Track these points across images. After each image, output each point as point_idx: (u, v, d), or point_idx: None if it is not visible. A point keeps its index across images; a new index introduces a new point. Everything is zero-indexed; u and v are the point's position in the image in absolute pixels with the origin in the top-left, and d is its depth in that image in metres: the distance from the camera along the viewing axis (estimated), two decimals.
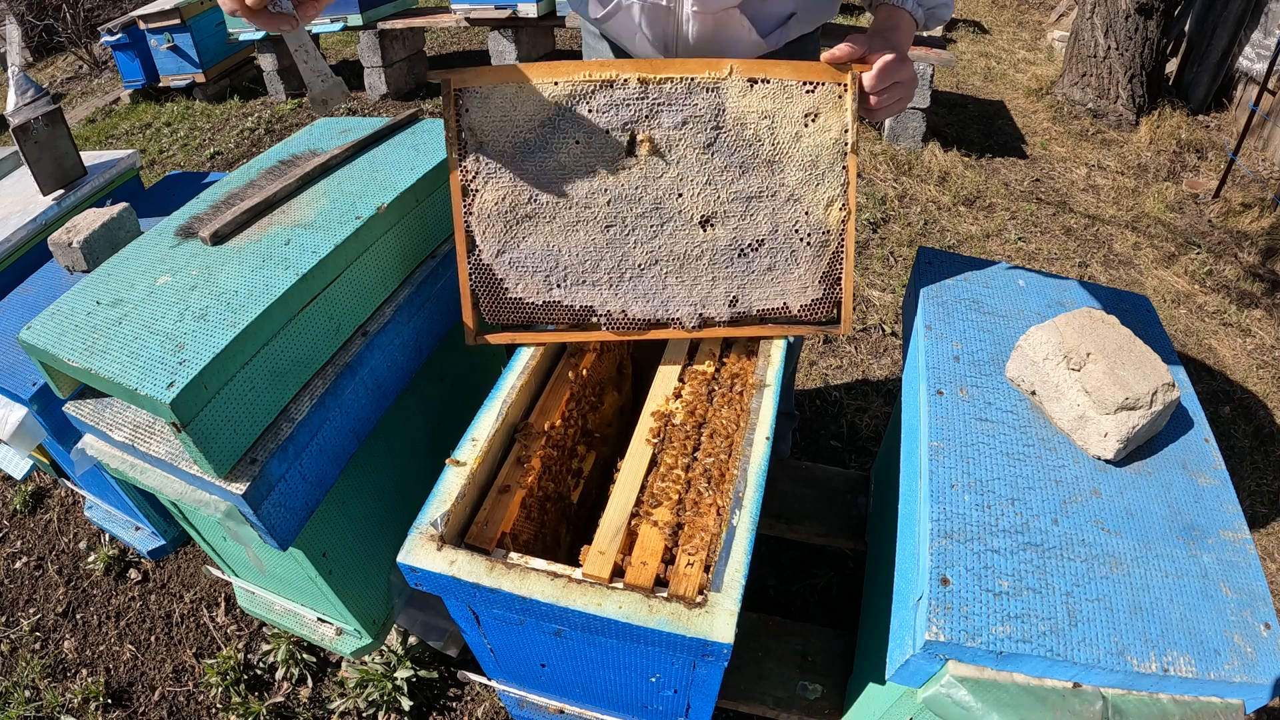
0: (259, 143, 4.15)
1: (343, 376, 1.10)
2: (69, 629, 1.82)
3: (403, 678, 1.55)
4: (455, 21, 4.04)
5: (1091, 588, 0.79)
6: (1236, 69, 3.79)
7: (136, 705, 1.65)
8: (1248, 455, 2.16)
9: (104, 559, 1.91)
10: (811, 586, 1.74)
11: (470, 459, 0.95)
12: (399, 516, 1.34)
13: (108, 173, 1.81)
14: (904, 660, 0.79)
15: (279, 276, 1.02)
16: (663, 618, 0.78)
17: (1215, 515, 0.88)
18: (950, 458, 0.92)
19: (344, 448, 1.14)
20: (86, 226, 1.46)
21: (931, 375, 1.03)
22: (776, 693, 1.30)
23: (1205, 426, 1.00)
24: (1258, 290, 2.80)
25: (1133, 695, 0.75)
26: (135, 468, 1.08)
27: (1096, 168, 3.58)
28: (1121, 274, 2.89)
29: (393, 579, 1.39)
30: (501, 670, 1.12)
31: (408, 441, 1.36)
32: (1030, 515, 0.86)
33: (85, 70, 6.03)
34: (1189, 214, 3.26)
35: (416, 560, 0.84)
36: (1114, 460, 0.93)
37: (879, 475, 1.50)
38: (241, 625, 1.78)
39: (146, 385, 0.88)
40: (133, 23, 4.60)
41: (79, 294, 1.05)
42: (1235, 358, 2.51)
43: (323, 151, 1.31)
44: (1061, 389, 0.95)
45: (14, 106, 1.63)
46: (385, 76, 4.36)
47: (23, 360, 1.34)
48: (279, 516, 1.03)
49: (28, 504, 2.15)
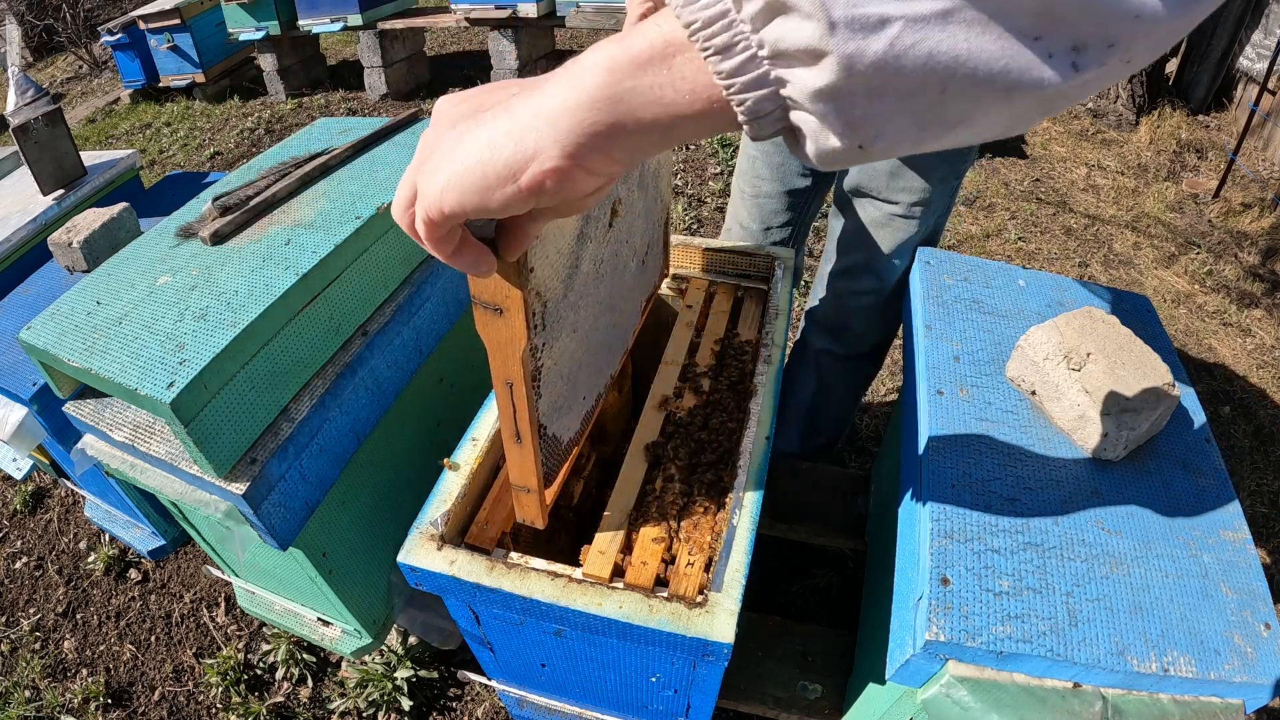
0: (259, 143, 4.15)
1: (343, 376, 1.10)
2: (69, 629, 1.82)
3: (403, 678, 1.55)
4: (455, 21, 4.04)
5: (1091, 588, 0.79)
6: (1236, 69, 3.79)
7: (136, 705, 1.65)
8: (1248, 455, 2.16)
9: (104, 559, 1.91)
10: (811, 586, 1.74)
11: (470, 459, 0.95)
12: (399, 516, 1.34)
13: (108, 173, 1.81)
14: (904, 660, 0.79)
15: (279, 276, 1.02)
16: (663, 617, 0.78)
17: (1215, 515, 0.89)
18: (950, 458, 0.92)
19: (344, 448, 1.14)
20: (86, 226, 1.46)
21: (931, 375, 1.03)
22: (776, 693, 1.30)
23: (1205, 426, 1.00)
24: (1258, 290, 2.80)
25: (1133, 695, 0.75)
26: (135, 468, 1.08)
27: (1096, 167, 3.58)
28: (1121, 274, 2.89)
29: (393, 579, 1.39)
30: (501, 670, 1.12)
31: (408, 441, 1.36)
32: (1030, 515, 0.86)
33: (85, 70, 6.03)
34: (1189, 214, 3.26)
35: (416, 560, 0.84)
36: (1114, 460, 0.93)
37: (879, 475, 1.50)
38: (241, 625, 1.78)
39: (146, 385, 0.88)
40: (133, 23, 4.60)
41: (79, 294, 1.05)
42: (1235, 358, 2.51)
43: (323, 152, 1.31)
44: (1061, 389, 0.95)
45: (14, 106, 1.63)
46: (385, 76, 4.36)
47: (23, 360, 1.34)
48: (279, 516, 1.03)
49: (28, 504, 2.15)
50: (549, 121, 0.39)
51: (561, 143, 0.38)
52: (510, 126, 0.40)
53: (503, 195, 0.41)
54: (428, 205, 0.43)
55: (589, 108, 0.38)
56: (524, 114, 0.39)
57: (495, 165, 0.40)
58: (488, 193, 0.41)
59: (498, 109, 0.41)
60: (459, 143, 0.41)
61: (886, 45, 0.32)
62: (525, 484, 0.81)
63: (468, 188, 0.41)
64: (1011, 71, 0.33)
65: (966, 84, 0.33)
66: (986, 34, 0.32)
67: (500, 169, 0.40)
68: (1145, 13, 0.32)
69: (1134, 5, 0.32)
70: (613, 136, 0.38)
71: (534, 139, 0.39)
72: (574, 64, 0.39)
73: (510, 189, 0.40)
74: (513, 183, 0.40)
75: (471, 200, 0.41)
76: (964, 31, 0.32)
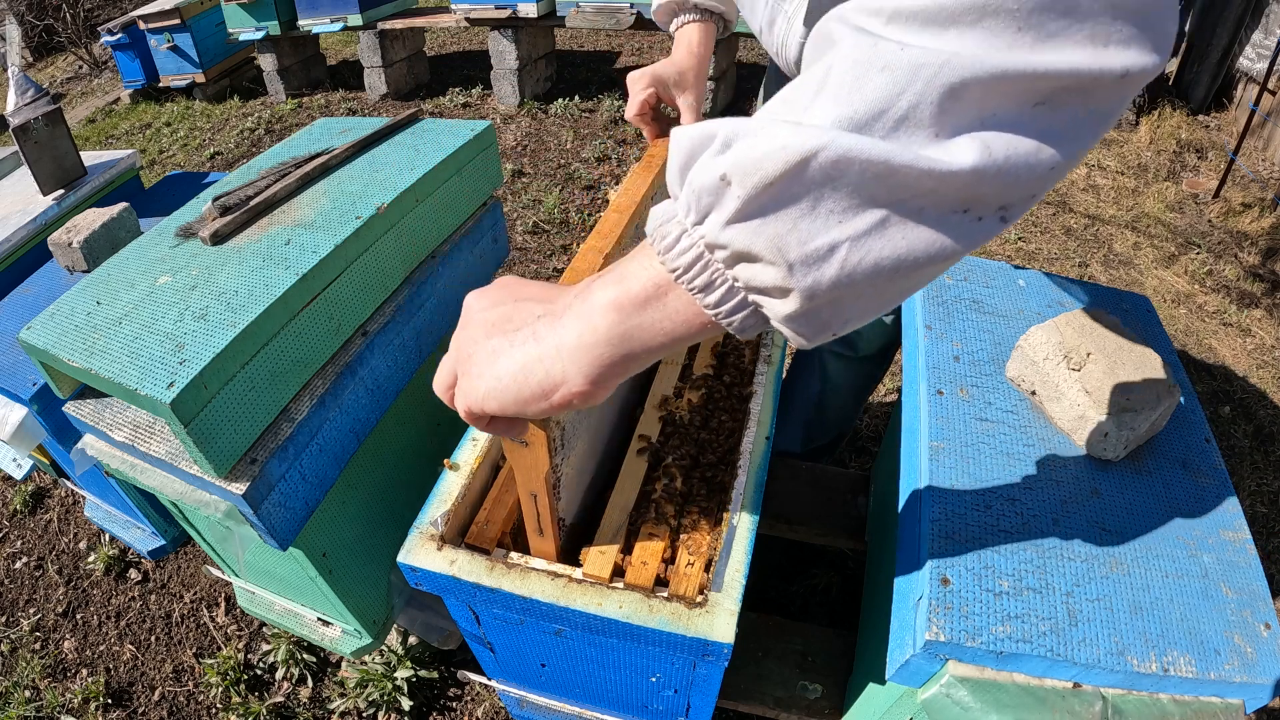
0: (259, 143, 4.15)
1: (343, 376, 1.10)
2: (69, 629, 1.82)
3: (403, 678, 1.55)
4: (455, 21, 4.04)
5: (1091, 588, 0.79)
6: (1237, 69, 3.79)
7: (136, 705, 1.65)
8: (1248, 455, 2.17)
9: (104, 559, 1.91)
10: (811, 586, 1.74)
11: (470, 459, 0.95)
12: (399, 516, 1.34)
13: (108, 173, 1.81)
14: (904, 660, 0.79)
15: (279, 276, 1.02)
16: (663, 617, 0.78)
17: (1215, 515, 0.88)
18: (950, 458, 0.92)
19: (344, 448, 1.14)
20: (86, 226, 1.46)
21: (931, 375, 1.03)
22: (776, 693, 1.30)
23: (1205, 426, 1.00)
24: (1258, 290, 2.80)
25: (1133, 695, 0.75)
26: (135, 468, 1.08)
27: (1096, 168, 3.58)
28: (1121, 274, 2.89)
29: (393, 579, 1.39)
30: (501, 670, 1.12)
31: (408, 441, 1.36)
32: (1030, 515, 0.86)
33: (85, 70, 6.03)
34: (1189, 214, 3.26)
35: (416, 560, 0.84)
36: (1114, 460, 0.93)
37: (879, 475, 1.50)
38: (241, 625, 1.78)
39: (146, 385, 0.88)
40: (133, 23, 4.60)
41: (79, 294, 1.05)
42: (1235, 358, 2.51)
43: (323, 152, 1.31)
44: (1061, 389, 0.95)
45: (14, 106, 1.63)
46: (385, 76, 4.36)
47: (23, 360, 1.34)
48: (279, 516, 1.03)
49: (28, 504, 2.15)
50: (571, 356, 0.47)
51: (585, 373, 0.47)
52: (540, 354, 0.48)
53: (536, 408, 0.50)
54: (471, 404, 0.53)
55: (604, 344, 0.46)
56: (549, 344, 0.48)
57: (530, 386, 0.49)
58: (524, 405, 0.50)
59: (525, 333, 0.50)
60: (496, 358, 0.50)
61: (838, 268, 0.39)
62: (543, 554, 0.86)
63: (507, 399, 0.50)
64: (947, 246, 0.40)
65: (910, 269, 0.40)
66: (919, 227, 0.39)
67: (534, 389, 0.49)
68: (1057, 166, 0.39)
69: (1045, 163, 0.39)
70: (626, 363, 0.47)
71: (560, 369, 0.48)
72: (585, 300, 0.47)
73: (542, 404, 0.50)
74: (545, 400, 0.49)
75: (510, 409, 0.51)
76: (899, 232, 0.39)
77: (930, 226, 0.39)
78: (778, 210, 0.39)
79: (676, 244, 0.43)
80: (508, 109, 4.14)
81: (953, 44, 0.37)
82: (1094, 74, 0.37)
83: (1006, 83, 0.37)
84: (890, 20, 0.38)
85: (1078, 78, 0.37)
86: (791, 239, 0.39)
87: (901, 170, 0.37)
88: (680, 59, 1.09)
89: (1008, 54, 0.36)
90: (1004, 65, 0.37)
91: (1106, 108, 0.39)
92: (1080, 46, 0.37)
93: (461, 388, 0.53)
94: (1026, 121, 0.38)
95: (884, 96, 0.37)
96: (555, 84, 4.49)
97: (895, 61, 0.37)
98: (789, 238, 0.39)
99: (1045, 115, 0.38)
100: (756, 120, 0.40)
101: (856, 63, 0.38)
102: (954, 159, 0.37)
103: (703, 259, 0.42)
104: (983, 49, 0.37)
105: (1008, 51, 0.36)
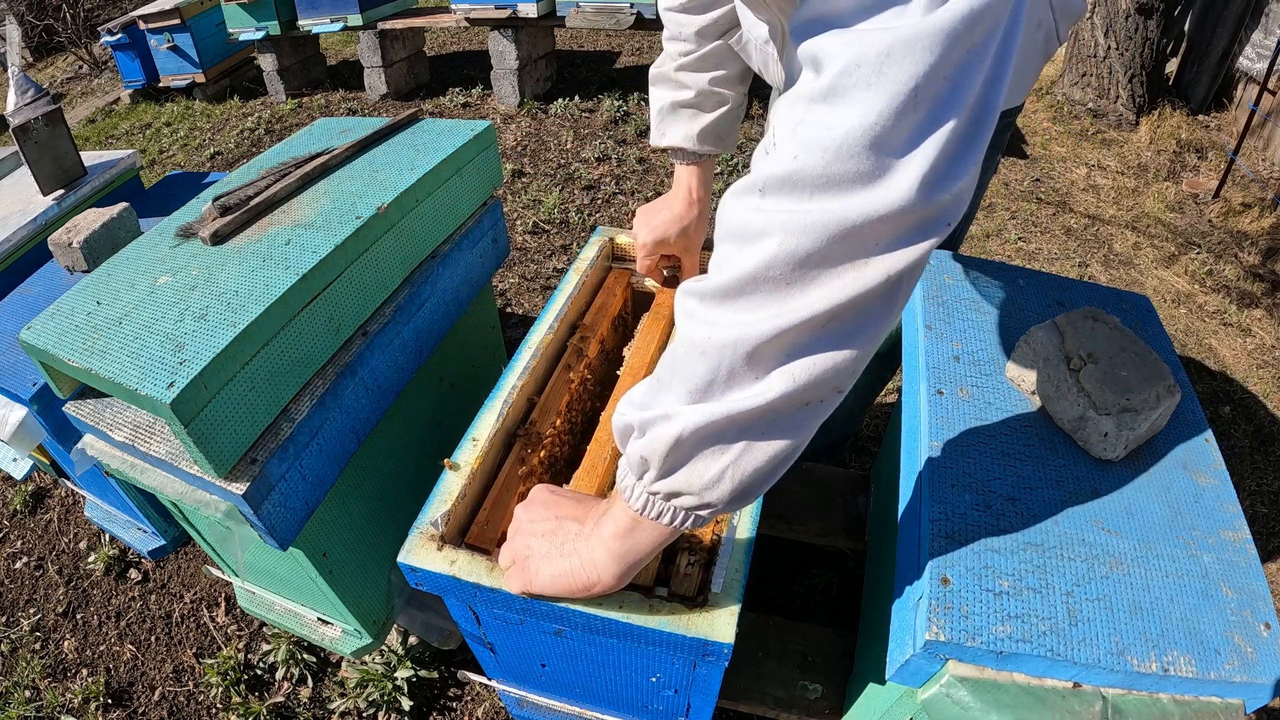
0: (259, 143, 4.15)
1: (343, 376, 1.10)
2: (69, 629, 1.82)
3: (403, 678, 1.55)
4: (455, 21, 4.04)
5: (1091, 587, 0.79)
6: (1236, 69, 3.79)
7: (136, 705, 1.65)
8: (1248, 455, 2.17)
9: (104, 559, 1.91)
10: (811, 586, 1.74)
11: (470, 459, 0.95)
12: (399, 516, 1.34)
13: (108, 173, 1.81)
14: (904, 660, 0.79)
15: (279, 276, 1.02)
16: (663, 618, 0.78)
17: (1215, 515, 0.88)
18: (950, 458, 0.92)
19: (344, 448, 1.14)
20: (86, 226, 1.46)
21: (931, 375, 1.03)
22: (776, 693, 1.30)
23: (1205, 426, 1.00)
24: (1258, 290, 2.80)
25: (1133, 695, 0.75)
26: (135, 468, 1.08)
27: (1096, 168, 3.58)
28: (1121, 274, 2.89)
29: (393, 579, 1.39)
30: (501, 670, 1.12)
31: (408, 441, 1.36)
32: (1030, 515, 0.86)
33: (85, 70, 6.03)
34: (1189, 214, 3.26)
35: (417, 560, 0.84)
36: (1114, 460, 0.93)
37: (879, 475, 1.50)
38: (241, 625, 1.78)
39: (146, 385, 0.88)
40: (133, 23, 4.60)
41: (79, 294, 1.05)
42: (1235, 358, 2.51)
43: (323, 152, 1.31)
44: (1061, 389, 0.95)
45: (14, 106, 1.63)
46: (385, 76, 4.36)
47: (23, 360, 1.34)
48: (279, 516, 1.03)
49: (28, 504, 2.15)
50: (601, 567, 0.71)
51: (612, 575, 0.71)
52: (581, 565, 0.72)
53: (578, 597, 0.77)
54: (525, 587, 0.77)
55: (616, 559, 0.70)
56: (586, 558, 0.72)
57: (575, 583, 0.74)
58: (570, 593, 0.75)
59: (569, 547, 0.74)
60: (549, 561, 0.75)
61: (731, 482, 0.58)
62: None
63: (558, 589, 0.75)
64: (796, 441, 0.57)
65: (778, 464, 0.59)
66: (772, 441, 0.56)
67: (578, 586, 0.74)
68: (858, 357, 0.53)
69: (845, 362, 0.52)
70: (634, 565, 0.71)
71: (596, 574, 0.72)
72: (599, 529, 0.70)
73: (583, 594, 0.75)
74: (585, 592, 0.74)
75: (560, 595, 0.77)
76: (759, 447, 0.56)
77: (778, 437, 0.55)
78: (680, 465, 0.58)
79: (633, 494, 0.64)
80: (508, 109, 4.14)
81: (743, 314, 0.51)
82: (863, 292, 0.48)
83: (790, 331, 0.49)
84: (701, 300, 0.54)
85: (849, 299, 0.48)
86: (694, 478, 0.58)
87: (739, 414, 0.53)
88: (681, 211, 1.19)
89: (783, 308, 0.49)
90: (781, 324, 0.49)
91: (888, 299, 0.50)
92: (841, 276, 0.48)
93: (520, 574, 0.77)
94: (822, 339, 0.51)
95: (709, 371, 0.53)
96: (555, 84, 4.49)
97: (708, 345, 0.53)
98: (693, 478, 0.58)
99: (836, 327, 0.50)
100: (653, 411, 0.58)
101: (687, 350, 0.54)
102: (770, 391, 0.52)
103: (650, 500, 0.63)
104: (765, 313, 0.50)
105: (783, 306, 0.49)
